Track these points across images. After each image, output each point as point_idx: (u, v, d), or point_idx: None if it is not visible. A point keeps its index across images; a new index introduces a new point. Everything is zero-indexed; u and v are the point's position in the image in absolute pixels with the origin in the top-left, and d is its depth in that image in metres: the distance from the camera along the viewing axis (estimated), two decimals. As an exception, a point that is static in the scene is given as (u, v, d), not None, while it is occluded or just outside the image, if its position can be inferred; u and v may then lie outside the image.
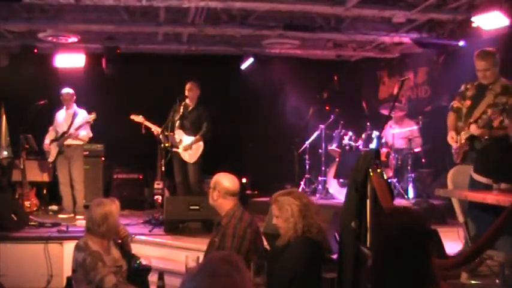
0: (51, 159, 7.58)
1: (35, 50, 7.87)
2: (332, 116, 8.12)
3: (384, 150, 7.37)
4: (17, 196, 7.69)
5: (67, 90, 7.60)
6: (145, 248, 5.81)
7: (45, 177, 8.26)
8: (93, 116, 7.47)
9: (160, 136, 6.89)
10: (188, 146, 7.16)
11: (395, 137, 7.69)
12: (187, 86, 7.26)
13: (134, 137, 7.34)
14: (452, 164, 4.77)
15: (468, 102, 4.82)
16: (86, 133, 7.56)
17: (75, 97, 7.63)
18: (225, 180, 3.88)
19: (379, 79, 9.90)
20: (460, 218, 3.72)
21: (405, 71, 8.83)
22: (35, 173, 8.14)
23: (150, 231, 6.32)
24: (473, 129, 4.60)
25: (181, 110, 7.11)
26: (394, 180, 7.28)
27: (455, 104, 4.97)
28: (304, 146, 8.10)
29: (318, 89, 8.24)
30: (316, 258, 3.44)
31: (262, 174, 9.28)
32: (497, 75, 4.72)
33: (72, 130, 7.42)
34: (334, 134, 7.93)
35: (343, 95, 8.66)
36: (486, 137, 4.41)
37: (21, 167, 7.60)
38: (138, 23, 7.46)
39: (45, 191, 8.33)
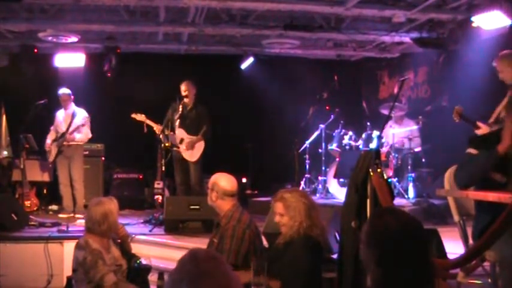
0: (51, 159, 7.57)
1: (35, 50, 7.87)
2: (332, 115, 8.13)
3: (384, 149, 7.37)
4: (17, 196, 7.68)
5: (64, 91, 7.57)
6: (145, 248, 5.80)
7: (45, 177, 8.25)
8: (87, 117, 7.49)
9: (161, 136, 6.88)
10: (190, 145, 7.14)
11: (395, 137, 7.69)
12: (183, 87, 7.13)
13: (134, 137, 7.34)
14: None
15: None
16: (84, 135, 7.55)
17: (72, 97, 7.62)
18: (223, 181, 3.85)
19: (379, 79, 9.91)
20: (456, 217, 3.71)
21: (405, 71, 8.83)
22: (35, 173, 8.12)
23: (150, 231, 6.31)
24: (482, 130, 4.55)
25: (181, 109, 7.09)
26: (394, 180, 7.28)
27: None
28: (304, 145, 8.10)
29: (318, 89, 8.24)
30: (317, 258, 3.43)
31: (262, 174, 9.29)
32: None
33: (70, 130, 7.41)
34: (334, 134, 7.93)
35: (343, 94, 8.67)
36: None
37: (21, 166, 7.58)
38: (138, 23, 7.46)
39: (45, 191, 8.32)
